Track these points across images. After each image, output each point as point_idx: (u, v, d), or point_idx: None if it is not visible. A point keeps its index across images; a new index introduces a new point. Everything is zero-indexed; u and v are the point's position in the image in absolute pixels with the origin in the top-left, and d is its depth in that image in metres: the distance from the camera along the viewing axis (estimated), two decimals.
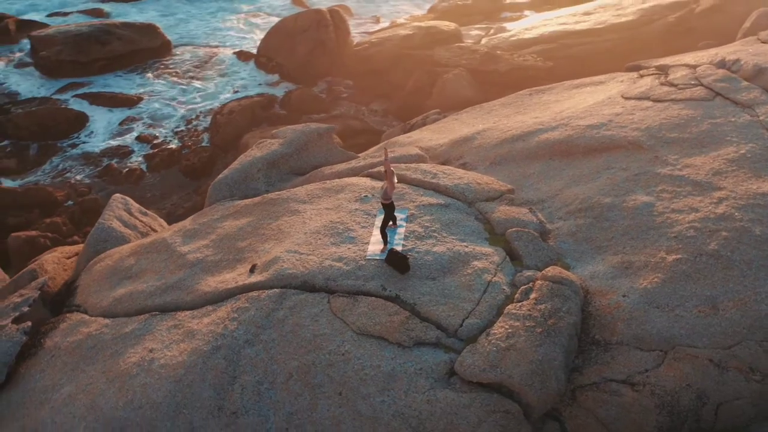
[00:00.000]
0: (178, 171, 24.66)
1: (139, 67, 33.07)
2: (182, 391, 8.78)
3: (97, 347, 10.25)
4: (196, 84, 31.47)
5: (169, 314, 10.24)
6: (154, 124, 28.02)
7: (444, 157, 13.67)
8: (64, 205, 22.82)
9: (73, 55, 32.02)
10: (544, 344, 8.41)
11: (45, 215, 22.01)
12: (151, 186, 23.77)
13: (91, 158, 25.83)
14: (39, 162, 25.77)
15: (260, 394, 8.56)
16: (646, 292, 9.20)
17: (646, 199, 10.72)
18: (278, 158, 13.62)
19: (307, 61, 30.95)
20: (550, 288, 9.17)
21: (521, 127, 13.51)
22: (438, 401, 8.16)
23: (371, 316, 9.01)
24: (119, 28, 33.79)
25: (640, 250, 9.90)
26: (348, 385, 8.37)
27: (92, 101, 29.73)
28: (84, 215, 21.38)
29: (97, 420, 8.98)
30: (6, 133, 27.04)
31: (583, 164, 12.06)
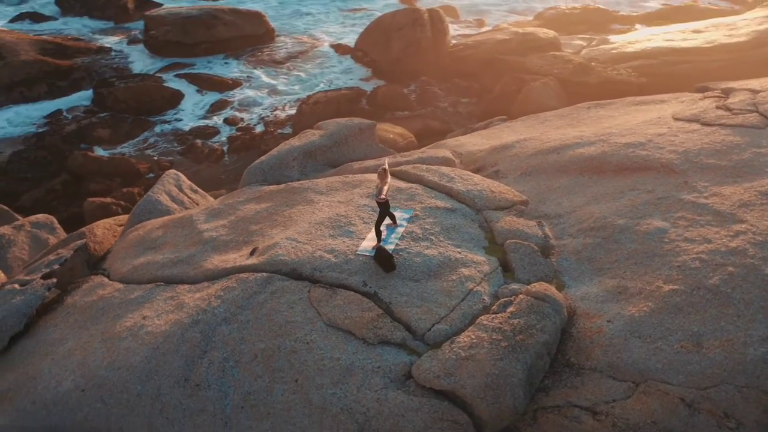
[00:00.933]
0: (255, 155, 25.51)
1: (241, 52, 34.52)
2: (157, 358, 9.27)
3: (105, 309, 10.94)
4: (291, 73, 32.54)
5: (172, 286, 10.79)
6: (244, 108, 29.22)
7: (480, 163, 13.60)
8: (145, 177, 24.21)
9: (179, 36, 33.87)
10: (505, 359, 8.30)
11: (125, 185, 23.48)
12: (227, 167, 24.83)
13: (179, 135, 27.25)
14: (131, 135, 27.46)
15: (224, 371, 8.92)
16: (632, 320, 8.88)
17: (660, 224, 10.30)
18: (316, 149, 13.99)
19: (400, 59, 31.34)
20: (530, 304, 9.02)
21: (561, 139, 13.24)
22: (387, 401, 8.23)
23: (344, 310, 9.18)
24: (226, 14, 35.42)
25: (638, 276, 9.54)
26: (305, 373, 8.58)
27: (190, 81, 31.33)
28: None
29: (83, 376, 9.61)
30: (106, 105, 28.98)
31: (610, 182, 11.70)
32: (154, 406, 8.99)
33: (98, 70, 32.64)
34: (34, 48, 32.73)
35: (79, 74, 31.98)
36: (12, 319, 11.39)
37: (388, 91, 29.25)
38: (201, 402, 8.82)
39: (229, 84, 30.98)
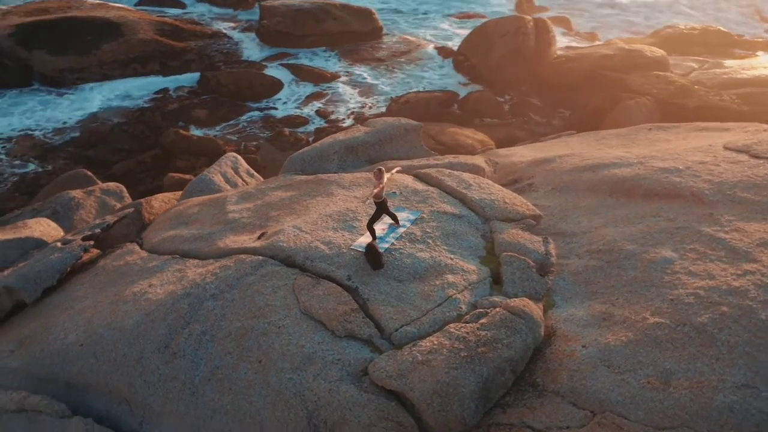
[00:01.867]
0: None
1: (345, 47, 35.35)
2: (146, 323, 9.90)
3: (125, 274, 11.74)
4: (390, 72, 33.05)
5: (184, 260, 11.43)
6: (336, 102, 30.01)
7: (518, 175, 13.48)
8: None
9: (289, 28, 35.17)
10: (460, 368, 8.30)
11: (208, 164, 24.64)
12: None
13: (270, 122, 28.34)
14: (226, 118, 28.83)
15: (200, 344, 9.41)
16: (607, 348, 8.63)
17: (669, 254, 9.89)
18: (358, 145, 14.31)
19: (500, 66, 31.16)
20: (504, 318, 8.95)
21: (601, 158, 12.90)
22: (338, 393, 8.43)
23: (321, 300, 9.44)
24: (337, 9, 36.41)
25: (628, 305, 9.24)
26: (270, 355, 8.92)
27: (292, 72, 32.50)
28: None
29: (86, 332, 10.40)
30: (210, 87, 30.56)
31: (635, 206, 11.31)
32: (135, 368, 9.59)
33: (209, 53, 34.41)
34: (152, 28, 34.95)
35: (191, 56, 33.85)
36: (46, 274, 12.37)
37: (481, 96, 29.15)
38: (175, 370, 9.34)
39: (327, 77, 31.88)
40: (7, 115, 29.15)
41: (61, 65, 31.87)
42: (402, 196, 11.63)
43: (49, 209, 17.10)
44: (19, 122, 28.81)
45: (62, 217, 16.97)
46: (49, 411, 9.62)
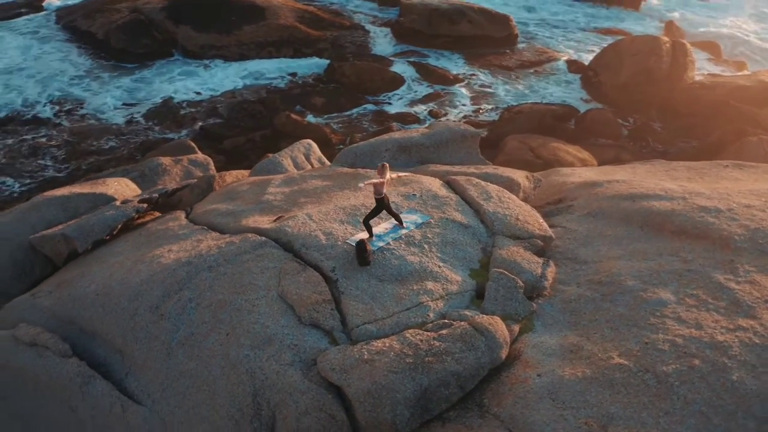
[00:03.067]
0: None
1: (476, 51, 35.27)
2: (147, 284, 10.67)
3: (159, 238, 12.63)
4: (514, 80, 32.67)
5: (209, 232, 12.13)
6: (452, 104, 30.13)
7: (562, 195, 13.14)
8: (335, 148, 26.20)
9: (422, 26, 35.63)
10: (400, 374, 8.38)
11: None
12: None
13: (382, 117, 28.95)
14: (342, 108, 29.77)
15: (184, 310, 10.04)
16: (560, 381, 8.37)
17: (667, 296, 9.37)
18: (412, 145, 14.47)
19: (627, 85, 29.92)
20: (465, 332, 8.89)
21: (648, 188, 12.29)
22: (285, 376, 8.76)
23: (300, 286, 9.78)
24: (474, 12, 36.40)
25: (602, 341, 8.88)
26: (236, 330, 9.39)
27: (417, 70, 32.91)
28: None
29: (104, 284, 11.35)
30: (334, 77, 31.68)
31: (659, 242, 10.74)
32: (129, 323, 10.39)
33: (342, 44, 35.52)
34: (294, 15, 36.56)
35: (324, 45, 35.11)
36: (98, 228, 13.52)
37: (598, 115, 28.14)
38: (158, 330, 10.03)
39: (449, 79, 32.01)
40: (151, 83, 31.61)
41: (203, 41, 34.09)
42: (420, 199, 11.70)
43: (138, 172, 18.49)
44: (160, 90, 31.13)
45: (147, 180, 18.29)
46: (54, 349, 10.55)
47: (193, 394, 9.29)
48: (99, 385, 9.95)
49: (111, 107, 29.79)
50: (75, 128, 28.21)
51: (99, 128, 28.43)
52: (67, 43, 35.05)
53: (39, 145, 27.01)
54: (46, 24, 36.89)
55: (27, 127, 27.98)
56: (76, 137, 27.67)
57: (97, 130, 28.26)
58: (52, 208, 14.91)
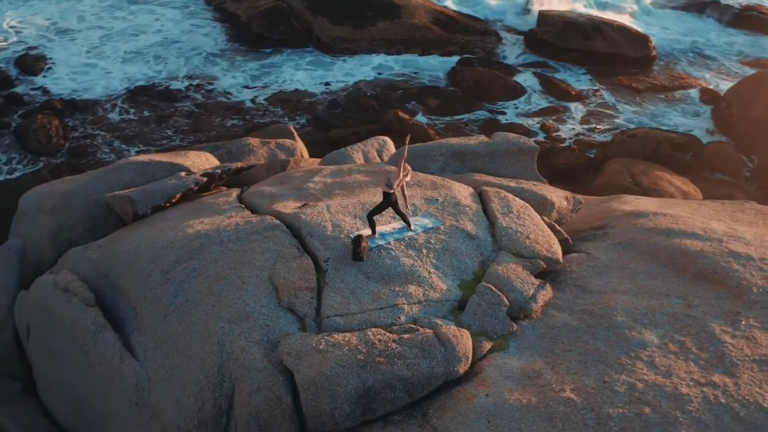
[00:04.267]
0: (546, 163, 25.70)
1: (606, 69, 33.99)
2: (165, 249, 11.43)
3: (204, 210, 13.38)
4: (640, 103, 31.27)
5: (243, 210, 12.72)
6: (567, 120, 29.37)
7: (606, 222, 12.63)
8: None
9: (555, 39, 34.99)
10: (347, 369, 8.53)
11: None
12: None
13: (492, 126, 28.67)
14: (454, 111, 29.85)
15: (187, 277, 10.67)
16: (503, 405, 8.21)
17: (650, 338, 8.89)
18: (467, 152, 14.38)
19: (759, 120, 27.69)
20: (426, 340, 8.90)
21: (689, 225, 11.54)
22: (248, 354, 9.17)
23: (289, 271, 10.11)
24: (611, 29, 35.10)
25: (564, 373, 8.58)
26: (221, 303, 9.89)
27: (540, 82, 32.33)
28: None
29: (137, 244, 12.26)
30: (455, 80, 31.87)
31: (674, 282, 10.14)
32: (143, 282, 11.19)
33: (471, 48, 35.39)
34: (429, 15, 36.88)
35: (453, 48, 35.15)
36: (159, 194, 14.49)
37: (719, 149, 26.27)
38: (162, 293, 10.72)
39: (570, 94, 31.07)
40: (280, 68, 33.02)
41: (336, 33, 35.16)
42: (440, 205, 11.67)
43: (226, 149, 19.49)
44: (287, 76, 32.46)
45: (233, 157, 19.22)
46: (80, 297, 11.53)
47: (174, 357, 9.86)
48: (107, 335, 10.75)
49: (239, 87, 31.38)
50: (202, 103, 30.00)
51: (225, 106, 30.04)
52: (213, 22, 37.27)
53: (167, 115, 28.92)
54: (194, 2, 39.30)
55: (160, 98, 29.98)
56: (203, 112, 29.41)
57: (222, 107, 29.88)
58: (132, 171, 16.02)
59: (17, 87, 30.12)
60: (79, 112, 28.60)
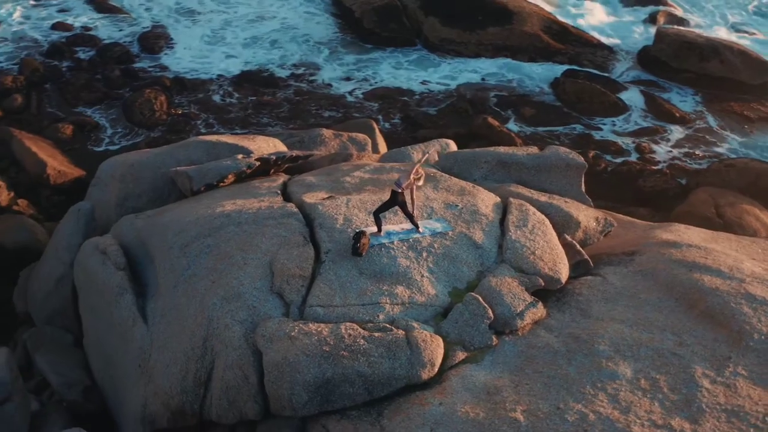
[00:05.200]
0: (633, 185, 24.84)
1: (718, 94, 32.19)
2: (191, 224, 12.07)
3: (244, 192, 13.84)
4: (748, 133, 29.40)
5: (277, 196, 13.13)
6: (665, 143, 28.09)
7: (638, 248, 12.12)
8: None
9: (668, 57, 33.33)
10: (309, 357, 8.75)
11: None
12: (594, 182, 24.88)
13: (584, 140, 27.86)
14: (548, 122, 29.21)
15: (200, 253, 11.21)
16: (450, 415, 8.22)
17: (624, 371, 8.56)
18: (513, 162, 14.14)
19: None
20: (395, 341, 9.00)
21: (717, 261, 10.86)
22: (230, 331, 9.61)
23: (290, 259, 10.44)
24: (730, 52, 33.04)
25: (524, 393, 8.42)
26: (219, 281, 10.34)
27: (645, 101, 31.06)
28: None
29: (171, 219, 12.87)
30: (556, 90, 31.24)
31: (677, 318, 9.65)
32: (166, 253, 11.88)
33: (579, 60, 34.38)
34: (541, 24, 36.15)
35: (561, 59, 34.30)
36: (212, 174, 15.17)
37: None
38: (177, 265, 11.34)
39: (674, 117, 29.56)
40: (380, 64, 33.41)
41: (445, 35, 35.15)
42: (458, 211, 11.60)
43: (299, 137, 20.07)
44: (389, 74, 32.85)
45: (304, 146, 19.77)
46: (113, 260, 12.32)
47: (173, 326, 10.38)
48: (127, 298, 11.46)
49: (340, 79, 32.00)
50: (303, 92, 30.79)
51: (324, 96, 30.72)
52: (328, 16, 38.05)
53: (267, 102, 29.88)
54: None
55: (264, 84, 31.00)
56: (302, 101, 30.20)
57: (321, 98, 30.56)
58: (199, 149, 16.82)
59: (136, 63, 31.84)
60: (186, 90, 29.97)
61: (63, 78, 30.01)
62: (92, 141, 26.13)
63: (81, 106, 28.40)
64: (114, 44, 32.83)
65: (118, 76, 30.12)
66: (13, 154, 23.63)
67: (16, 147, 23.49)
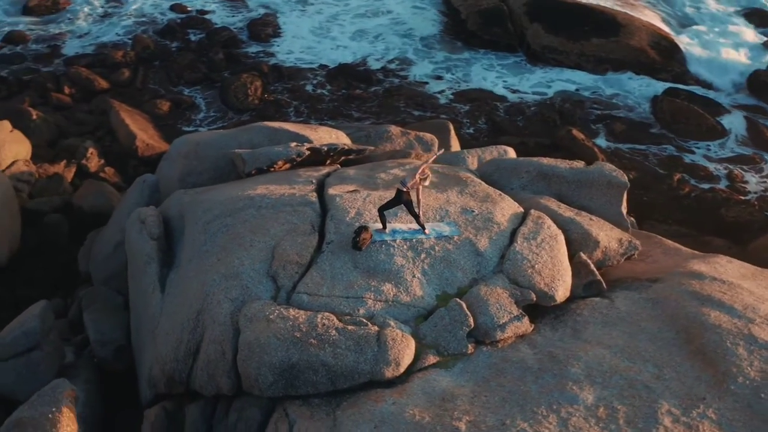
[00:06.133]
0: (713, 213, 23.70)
1: None
2: (218, 204, 12.63)
3: (284, 179, 14.13)
4: None
5: (310, 185, 13.40)
6: (759, 172, 26.53)
7: (664, 275, 11.64)
8: None
9: None
10: (279, 341, 9.05)
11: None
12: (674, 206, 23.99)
13: (672, 162, 26.67)
14: (636, 139, 28.19)
15: (218, 231, 11.78)
16: (397, 415, 8.33)
17: (586, 397, 8.31)
18: (554, 175, 13.79)
19: None
20: (366, 336, 9.14)
21: (734, 298, 10.26)
22: (219, 307, 10.13)
23: (292, 245, 10.78)
24: None
25: (477, 406, 8.38)
26: (224, 259, 10.83)
27: (746, 127, 29.42)
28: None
29: (208, 196, 13.36)
30: (654, 110, 30.14)
31: (667, 352, 9.22)
32: (191, 228, 12.57)
33: (685, 79, 32.78)
34: (648, 38, 34.57)
35: (665, 76, 32.81)
36: (263, 158, 15.65)
37: None
38: (197, 240, 11.96)
39: None
40: (473, 65, 33.16)
41: (547, 42, 34.44)
42: (473, 216, 11.48)
43: (365, 132, 20.32)
44: (483, 77, 32.55)
45: (370, 141, 19.97)
46: (148, 229, 13.01)
47: (179, 297, 10.93)
48: (153, 267, 12.15)
49: (433, 78, 32.01)
50: (395, 88, 31.01)
51: (414, 94, 30.77)
52: (436, 12, 38.03)
53: (358, 95, 30.27)
54: None
55: (357, 78, 31.46)
56: (392, 97, 30.43)
57: (412, 95, 30.65)
58: (261, 134, 17.41)
59: (241, 48, 33.02)
60: (283, 78, 30.80)
61: (170, 57, 31.59)
62: (185, 119, 27.45)
63: (182, 85, 29.89)
64: (223, 28, 34.22)
65: (221, 59, 31.30)
66: (109, 124, 25.18)
67: (113, 118, 25.01)
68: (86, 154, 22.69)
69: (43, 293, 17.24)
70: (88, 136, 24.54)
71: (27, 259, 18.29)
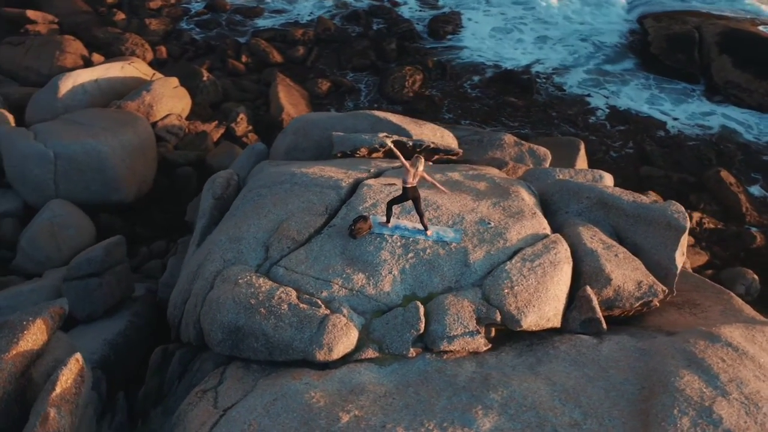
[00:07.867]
0: None
1: None
2: (269, 176, 13.45)
3: (350, 163, 14.61)
4: None
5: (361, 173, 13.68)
6: None
7: (685, 329, 10.69)
8: None
9: None
10: (234, 304, 9.74)
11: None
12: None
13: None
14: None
15: (252, 198, 12.51)
16: (297, 394, 8.47)
17: (484, 424, 7.96)
18: (613, 205, 12.65)
19: None
20: (311, 316, 9.44)
21: (725, 367, 9.07)
22: (211, 264, 10.99)
23: (298, 223, 11.34)
24: None
25: (378, 407, 8.33)
26: (239, 224, 11.67)
27: None
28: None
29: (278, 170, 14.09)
30: None
31: (614, 404, 8.41)
32: (241, 194, 13.17)
33: None
34: None
35: None
36: (348, 143, 16.19)
37: None
38: (237, 203, 12.94)
39: None
40: (644, 93, 31.05)
41: (731, 77, 31.50)
42: (487, 227, 11.13)
43: (480, 137, 20.13)
44: (650, 103, 30.37)
45: (482, 147, 19.74)
46: (214, 188, 14.13)
47: (199, 252, 11.71)
48: (203, 222, 13.50)
49: (594, 92, 30.50)
50: (550, 99, 29.99)
51: (570, 107, 29.57)
52: (628, 33, 36.23)
53: (508, 103, 29.56)
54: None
55: (515, 84, 30.71)
56: (546, 108, 29.48)
57: (567, 108, 29.48)
58: (365, 121, 17.99)
59: (416, 42, 33.52)
60: (444, 76, 30.91)
61: (347, 41, 32.89)
62: (338, 102, 28.58)
63: (348, 70, 31.07)
64: (404, 20, 34.99)
65: (392, 49, 32.01)
66: (268, 94, 26.93)
67: (272, 89, 26.69)
68: (236, 119, 24.45)
69: (156, 235, 19.15)
70: (246, 103, 26.36)
71: (152, 203, 20.24)
